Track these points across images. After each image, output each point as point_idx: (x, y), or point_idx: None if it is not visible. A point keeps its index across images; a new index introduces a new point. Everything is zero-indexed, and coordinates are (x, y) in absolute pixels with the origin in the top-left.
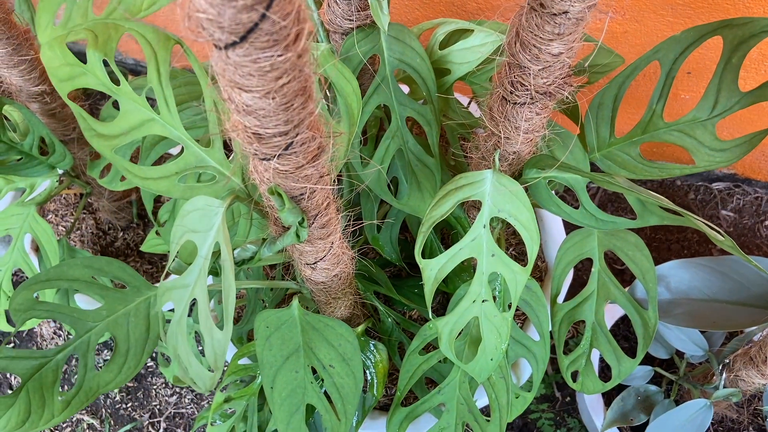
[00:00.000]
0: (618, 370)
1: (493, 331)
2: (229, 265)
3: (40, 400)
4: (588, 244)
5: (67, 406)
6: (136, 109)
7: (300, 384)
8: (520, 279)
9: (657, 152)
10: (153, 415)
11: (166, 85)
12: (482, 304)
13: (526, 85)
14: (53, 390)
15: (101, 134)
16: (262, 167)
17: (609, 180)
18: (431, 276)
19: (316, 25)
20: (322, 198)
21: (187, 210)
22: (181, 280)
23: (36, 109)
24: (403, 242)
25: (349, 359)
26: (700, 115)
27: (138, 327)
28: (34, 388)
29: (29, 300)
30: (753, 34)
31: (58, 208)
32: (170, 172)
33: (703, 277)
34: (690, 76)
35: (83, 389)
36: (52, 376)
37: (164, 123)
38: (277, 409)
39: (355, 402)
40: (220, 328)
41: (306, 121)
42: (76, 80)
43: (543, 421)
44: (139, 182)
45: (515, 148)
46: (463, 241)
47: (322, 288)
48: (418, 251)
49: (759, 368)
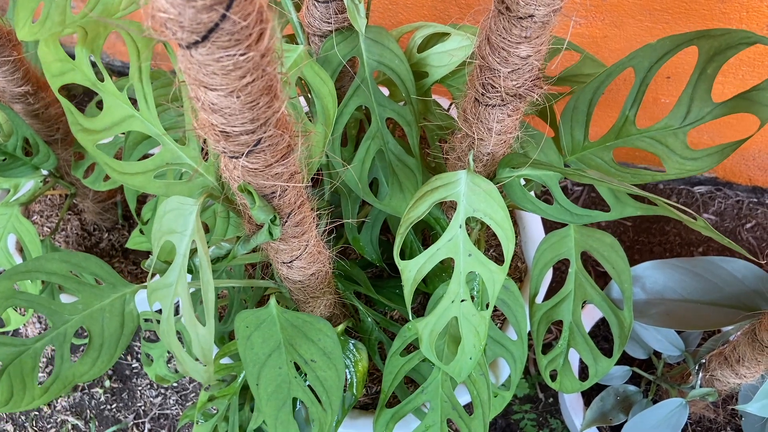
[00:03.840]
0: (595, 369)
1: (472, 330)
2: (205, 262)
3: (21, 384)
4: (565, 245)
5: (45, 392)
6: (118, 105)
7: (285, 379)
8: (497, 278)
9: (636, 155)
10: (138, 416)
11: (146, 83)
12: (461, 304)
13: (496, 87)
14: (33, 376)
15: (86, 129)
16: (232, 165)
17: (580, 173)
18: (410, 277)
19: (295, 27)
20: (295, 196)
21: (163, 211)
22: (164, 281)
23: (19, 110)
24: (385, 243)
25: (330, 353)
26: (672, 123)
27: (112, 323)
28: (15, 372)
29: (9, 289)
30: (730, 46)
31: (43, 209)
32: (147, 168)
33: (678, 278)
34: (670, 81)
35: (60, 378)
36: (30, 363)
37: (143, 119)
38: (264, 405)
39: (339, 393)
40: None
41: (272, 120)
42: (66, 75)
43: (526, 422)
44: (116, 176)
45: (489, 149)
46: (440, 241)
47: (300, 287)
48: (396, 252)
49: (733, 368)
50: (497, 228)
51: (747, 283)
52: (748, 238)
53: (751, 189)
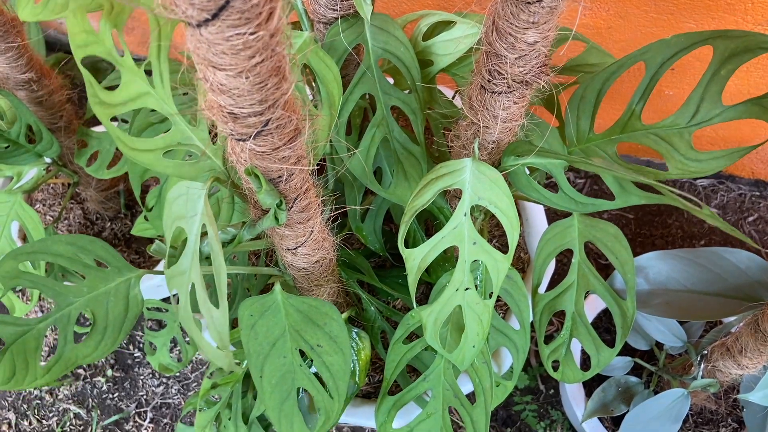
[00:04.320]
0: (597, 359)
1: (476, 318)
2: (216, 245)
3: (24, 363)
4: (568, 235)
5: (48, 372)
6: (134, 81)
7: (289, 369)
8: (501, 267)
9: (638, 148)
10: (140, 405)
11: (163, 60)
12: (465, 293)
13: (503, 73)
14: (35, 355)
15: (103, 102)
16: (239, 148)
17: (585, 161)
18: (414, 265)
19: (300, 14)
20: (301, 181)
21: (172, 197)
22: (178, 267)
23: (23, 97)
24: (388, 233)
25: (336, 336)
26: (679, 122)
27: (117, 307)
28: (18, 351)
29: (15, 269)
30: (748, 49)
31: (45, 198)
32: (156, 146)
33: (681, 269)
34: (674, 72)
35: (62, 359)
36: (34, 343)
37: (157, 97)
38: (267, 397)
39: (346, 378)
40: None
41: (281, 102)
42: (89, 47)
43: (527, 413)
44: (127, 152)
45: (494, 137)
46: (444, 229)
47: (303, 274)
48: (401, 240)
49: (735, 359)
50: (502, 216)
51: (750, 274)
52: (750, 231)
53: (753, 182)
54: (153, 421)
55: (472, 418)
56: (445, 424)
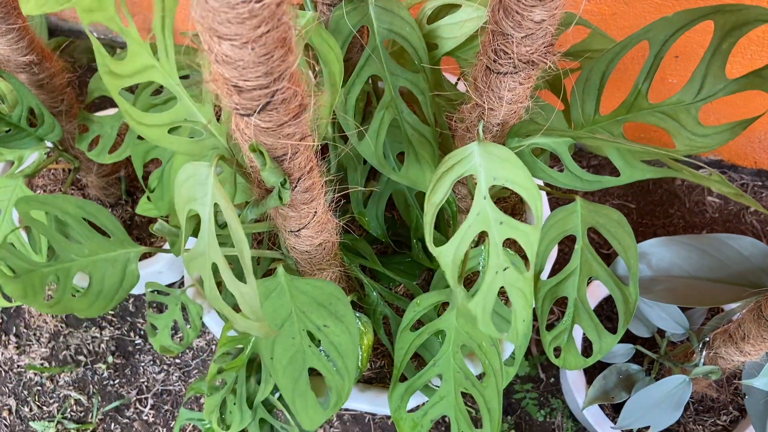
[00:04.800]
0: (599, 345)
1: (519, 293)
2: (234, 221)
3: (32, 291)
4: (571, 221)
5: (49, 309)
6: (140, 53)
7: (299, 350)
8: (533, 238)
9: (643, 135)
10: (140, 391)
11: (168, 35)
12: (504, 273)
13: (509, 53)
14: (41, 290)
15: (113, 72)
16: (244, 124)
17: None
18: (449, 262)
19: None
20: (305, 160)
21: (181, 179)
22: (197, 250)
23: (24, 79)
24: (390, 220)
25: (342, 316)
26: (685, 98)
27: (113, 275)
28: (26, 281)
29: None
30: (747, 22)
31: (46, 184)
32: (162, 121)
33: (684, 255)
34: (678, 60)
35: (61, 303)
36: (39, 282)
37: (162, 71)
38: (280, 377)
39: (355, 357)
40: None
41: (286, 75)
42: (94, 14)
43: (527, 401)
44: (134, 125)
45: (499, 120)
46: (468, 218)
47: (306, 258)
48: (429, 241)
49: (738, 345)
50: (522, 190)
51: (753, 260)
52: (752, 221)
53: (756, 172)
54: (154, 408)
55: (485, 398)
56: (459, 404)
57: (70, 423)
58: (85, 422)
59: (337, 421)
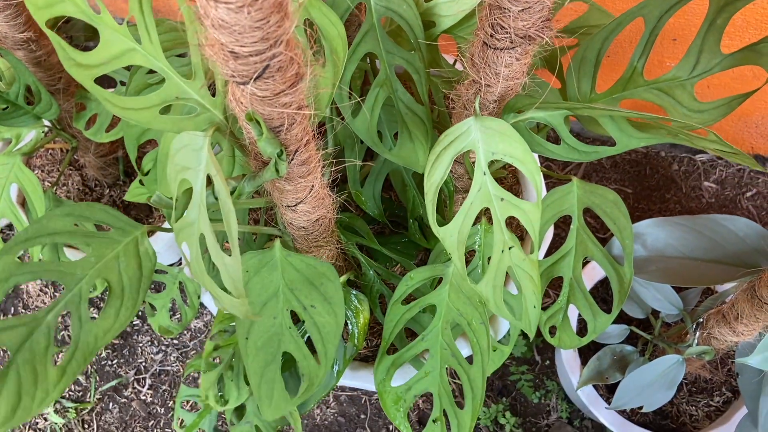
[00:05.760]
0: (594, 324)
1: (526, 276)
2: (224, 192)
3: (32, 376)
4: (567, 201)
5: (63, 375)
6: (117, 38)
7: (277, 331)
8: (534, 216)
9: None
10: (138, 371)
11: (147, 14)
12: (510, 252)
13: (506, 27)
14: (46, 358)
15: (81, 64)
16: (240, 92)
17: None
18: (454, 242)
19: None
20: (302, 132)
21: (175, 148)
22: (186, 219)
23: (22, 57)
24: (387, 201)
25: (330, 298)
26: (681, 75)
27: (130, 266)
28: (25, 360)
29: (11, 264)
30: None
31: (44, 164)
32: (152, 103)
33: (679, 236)
34: (676, 43)
35: (80, 347)
36: (44, 342)
37: (145, 53)
38: (250, 362)
39: (336, 341)
40: None
41: (283, 40)
42: (54, 7)
43: (522, 383)
44: (120, 112)
45: (496, 96)
46: (470, 195)
47: (303, 234)
48: (432, 222)
49: (731, 325)
50: (520, 164)
51: (748, 241)
52: (748, 206)
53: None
54: (152, 388)
55: (470, 377)
56: (443, 382)
57: (68, 402)
58: (84, 401)
59: (334, 402)
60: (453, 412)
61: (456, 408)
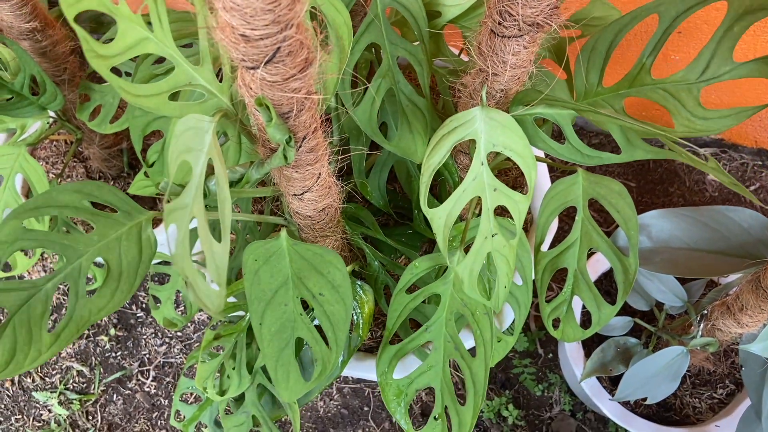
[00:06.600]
0: (598, 316)
1: (503, 260)
2: (222, 178)
3: (27, 336)
4: (573, 193)
5: (56, 340)
6: (132, 28)
7: (290, 318)
8: (522, 207)
9: (643, 114)
10: (142, 363)
11: (160, 3)
12: (493, 239)
13: (514, 15)
14: (41, 323)
15: (101, 55)
16: (250, 77)
17: (594, 110)
18: (441, 224)
19: None
20: (310, 119)
21: (180, 130)
22: (180, 201)
23: (27, 47)
24: (392, 192)
25: (338, 286)
26: (689, 77)
27: (130, 250)
28: (21, 321)
29: (16, 229)
30: (762, 7)
31: (48, 156)
32: (161, 90)
33: (684, 227)
34: (681, 36)
35: (74, 319)
36: (41, 308)
37: (157, 41)
38: (266, 346)
39: (346, 328)
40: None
41: (294, 24)
42: (81, 3)
43: (525, 376)
44: (131, 99)
45: (502, 85)
46: (464, 182)
47: (309, 223)
48: (423, 200)
49: (735, 317)
50: (518, 158)
51: (753, 233)
52: (751, 200)
53: (756, 151)
54: (156, 380)
55: (472, 371)
56: (445, 376)
57: (72, 394)
58: (88, 393)
59: (337, 394)
60: (454, 410)
61: (458, 405)
